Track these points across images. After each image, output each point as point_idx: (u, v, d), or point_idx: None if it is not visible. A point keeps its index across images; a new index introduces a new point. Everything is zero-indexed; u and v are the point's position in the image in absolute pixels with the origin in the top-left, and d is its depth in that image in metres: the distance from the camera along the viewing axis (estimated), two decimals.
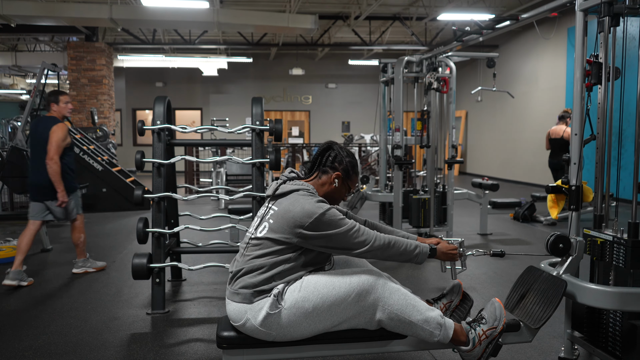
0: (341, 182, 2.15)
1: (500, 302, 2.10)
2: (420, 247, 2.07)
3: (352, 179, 2.18)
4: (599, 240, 2.24)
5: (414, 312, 1.96)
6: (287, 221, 1.97)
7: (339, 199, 2.20)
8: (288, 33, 11.80)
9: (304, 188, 2.06)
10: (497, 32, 4.38)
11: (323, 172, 2.15)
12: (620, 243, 2.14)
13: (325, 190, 2.14)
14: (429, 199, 5.37)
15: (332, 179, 2.14)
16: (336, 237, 1.97)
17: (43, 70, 6.59)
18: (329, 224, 1.96)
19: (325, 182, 2.15)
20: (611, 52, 2.28)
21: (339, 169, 2.14)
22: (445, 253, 2.16)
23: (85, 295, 3.80)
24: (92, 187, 7.76)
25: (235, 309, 1.98)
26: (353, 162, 2.18)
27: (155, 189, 3.45)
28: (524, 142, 11.69)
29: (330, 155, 2.15)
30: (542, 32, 10.50)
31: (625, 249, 2.11)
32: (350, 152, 2.20)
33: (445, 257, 2.17)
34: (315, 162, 2.18)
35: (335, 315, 1.95)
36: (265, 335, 1.95)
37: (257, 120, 3.54)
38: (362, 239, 1.99)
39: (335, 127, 16.11)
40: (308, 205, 1.97)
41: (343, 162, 2.15)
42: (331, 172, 2.14)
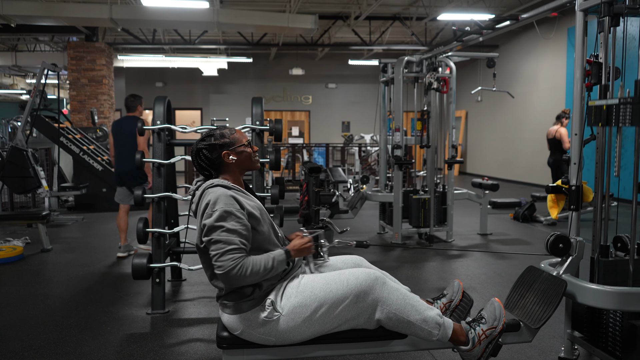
0: (233, 152, 2.06)
1: (500, 302, 2.10)
2: (276, 257, 1.96)
3: (235, 140, 2.07)
4: (604, 106, 2.25)
5: (413, 312, 1.96)
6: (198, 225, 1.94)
7: (249, 161, 2.10)
8: (288, 33, 11.79)
9: (208, 184, 1.99)
10: (497, 32, 4.38)
11: (218, 167, 2.07)
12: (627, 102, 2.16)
13: (235, 170, 2.08)
14: (429, 199, 5.37)
15: (229, 160, 2.05)
16: (213, 241, 1.86)
17: (43, 70, 6.59)
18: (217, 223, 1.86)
19: (228, 167, 2.07)
20: (611, 52, 2.28)
21: (221, 151, 2.05)
22: (299, 250, 2.06)
23: (85, 295, 3.80)
24: (92, 187, 7.76)
25: (230, 319, 1.97)
26: (215, 135, 2.07)
27: (155, 189, 3.45)
28: (524, 142, 11.69)
29: (204, 156, 2.05)
30: (542, 32, 10.50)
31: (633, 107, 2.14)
32: (205, 135, 2.09)
33: (300, 253, 2.06)
34: (199, 165, 2.08)
35: (334, 318, 1.94)
36: (265, 341, 1.95)
37: (257, 120, 3.54)
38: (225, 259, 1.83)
39: (335, 127, 16.11)
40: (207, 201, 1.91)
41: (213, 145, 2.05)
42: (222, 160, 2.05)
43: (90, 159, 7.81)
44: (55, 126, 7.66)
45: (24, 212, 7.30)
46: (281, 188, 3.64)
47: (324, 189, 4.38)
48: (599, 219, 2.36)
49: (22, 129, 6.36)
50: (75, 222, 7.02)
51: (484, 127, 13.87)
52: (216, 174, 2.09)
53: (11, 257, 4.82)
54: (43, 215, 5.26)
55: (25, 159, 6.17)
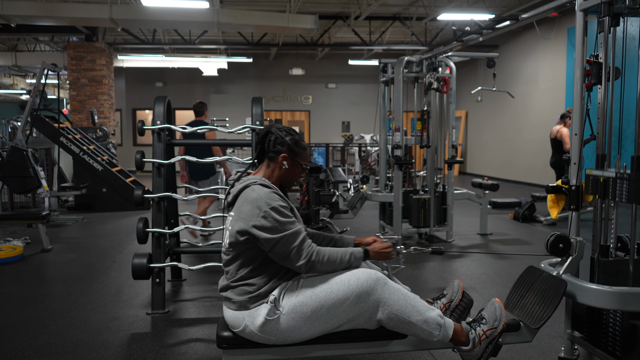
0: (290, 162, 2.09)
1: (500, 302, 2.10)
2: (354, 253, 2.03)
3: (301, 155, 2.12)
4: (601, 178, 2.26)
5: (414, 313, 1.96)
6: (240, 223, 1.95)
7: (293, 179, 2.16)
8: (288, 33, 11.79)
9: (251, 182, 2.01)
10: (497, 32, 4.38)
11: (270, 159, 2.10)
12: (624, 178, 2.15)
13: (277, 175, 2.10)
14: (429, 199, 5.37)
15: (280, 162, 2.08)
16: (282, 240, 1.91)
17: (43, 70, 6.59)
18: (277, 221, 1.91)
19: (274, 167, 2.10)
20: (611, 52, 2.28)
21: (283, 150, 2.08)
22: (379, 252, 2.12)
23: (85, 295, 3.80)
24: (92, 187, 7.76)
25: (232, 315, 1.98)
26: (295, 138, 2.11)
27: (155, 189, 3.45)
28: (524, 142, 11.69)
29: (271, 140, 2.09)
30: (542, 32, 10.50)
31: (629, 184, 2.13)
32: (290, 130, 2.13)
33: (379, 256, 2.13)
34: (258, 151, 2.13)
35: (334, 317, 1.94)
36: (265, 340, 1.95)
37: (257, 120, 3.54)
38: (302, 250, 1.92)
39: (335, 127, 16.11)
40: (256, 199, 1.93)
41: (284, 142, 2.08)
42: (277, 156, 2.08)
43: (90, 159, 7.81)
44: (55, 126, 7.66)
45: (24, 212, 7.30)
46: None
47: (324, 189, 4.38)
48: (599, 219, 2.36)
49: (22, 129, 6.36)
50: (75, 222, 7.02)
51: (484, 127, 13.87)
52: (264, 162, 2.12)
53: (11, 257, 4.82)
54: (43, 215, 5.26)
55: (25, 159, 6.17)
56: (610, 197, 2.23)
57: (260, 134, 2.13)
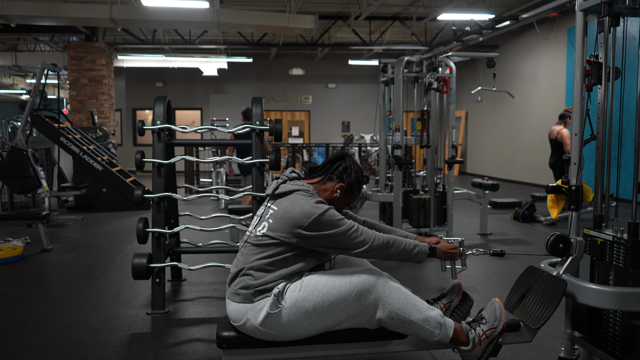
0: (343, 193, 2.16)
1: (500, 302, 2.10)
2: (420, 247, 2.08)
3: (354, 194, 2.20)
4: (599, 240, 2.24)
5: (414, 312, 1.97)
6: (286, 221, 1.97)
7: (337, 209, 2.18)
8: (288, 33, 11.79)
9: (303, 189, 2.07)
10: (497, 32, 4.39)
11: (329, 179, 2.16)
12: (620, 243, 2.14)
13: (325, 197, 2.14)
14: (429, 199, 5.37)
15: (335, 188, 2.14)
16: (335, 237, 1.97)
17: (43, 70, 6.59)
18: (327, 224, 1.96)
19: (328, 188, 2.15)
20: (611, 52, 2.28)
21: (345, 180, 2.15)
22: (445, 252, 2.16)
23: (85, 295, 3.80)
24: (92, 187, 7.76)
25: (235, 309, 1.98)
26: (360, 178, 2.20)
27: (155, 189, 3.45)
28: (523, 142, 11.69)
29: (341, 166, 2.16)
30: (542, 32, 10.50)
31: (625, 249, 2.11)
32: (360, 169, 2.22)
33: (445, 256, 2.17)
34: (324, 167, 2.19)
35: (335, 314, 1.95)
36: (266, 335, 1.95)
37: (257, 120, 3.54)
38: (361, 238, 1.99)
39: (335, 127, 16.11)
40: (307, 206, 1.97)
41: (351, 176, 2.16)
42: (336, 182, 2.15)
43: (90, 159, 7.81)
44: (55, 126, 7.66)
45: (24, 212, 7.29)
46: None
47: None
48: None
49: (22, 129, 6.36)
50: (75, 222, 7.02)
51: (484, 127, 13.87)
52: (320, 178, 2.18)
53: (11, 257, 4.82)
54: (43, 215, 5.26)
55: (25, 159, 6.17)
56: (607, 259, 2.22)
57: (336, 154, 2.22)
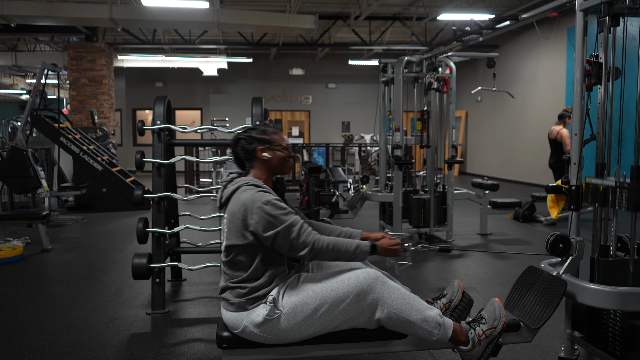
0: (268, 150, 2.10)
1: (500, 302, 2.10)
2: (361, 246, 2.03)
3: (274, 140, 2.12)
4: (601, 187, 2.26)
5: (413, 312, 1.96)
6: (236, 224, 1.96)
7: (283, 164, 2.15)
8: (288, 33, 11.79)
9: (243, 182, 2.03)
10: (497, 32, 4.38)
11: (251, 161, 2.12)
12: (623, 187, 2.15)
13: (266, 170, 2.12)
14: (429, 199, 5.37)
15: (260, 157, 2.10)
16: (280, 233, 1.92)
17: (43, 70, 6.59)
18: (270, 215, 1.92)
19: (259, 165, 2.11)
20: (611, 52, 2.28)
21: (257, 145, 2.10)
22: (387, 249, 2.10)
23: (85, 295, 3.80)
24: (92, 187, 7.76)
25: (231, 317, 1.98)
26: (259, 129, 2.13)
27: (155, 189, 3.45)
28: (523, 142, 11.69)
29: (241, 145, 2.12)
30: (542, 32, 10.50)
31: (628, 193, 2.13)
32: (252, 126, 2.15)
33: (387, 252, 2.11)
34: (237, 161, 2.15)
35: (334, 317, 1.94)
36: (266, 340, 1.95)
37: (257, 120, 3.54)
38: (303, 238, 1.94)
39: (335, 127, 16.11)
40: (247, 200, 1.95)
41: (253, 138, 2.10)
42: (254, 154, 2.10)
43: (90, 159, 7.81)
44: (55, 126, 7.66)
45: (24, 212, 7.29)
46: (281, 188, 3.64)
47: (324, 189, 4.39)
48: (599, 220, 2.36)
49: (22, 129, 6.36)
50: (75, 222, 7.02)
51: (484, 127, 13.87)
52: (248, 167, 2.13)
53: (11, 257, 4.82)
54: (43, 215, 5.26)
55: (25, 159, 6.18)
56: (610, 205, 2.24)
57: (232, 143, 2.15)
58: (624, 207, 2.17)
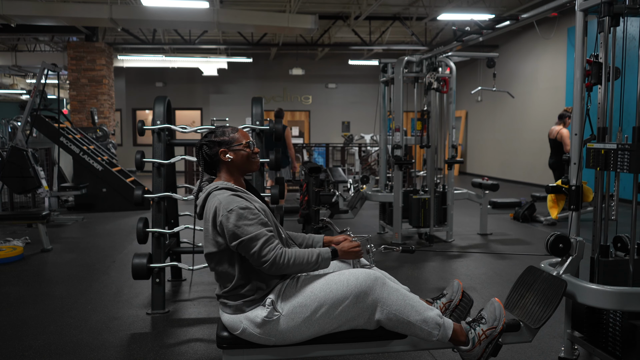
0: (231, 151, 2.07)
1: (500, 302, 2.10)
2: (322, 254, 2.01)
3: (234, 139, 2.09)
4: (602, 150, 2.25)
5: (412, 312, 1.96)
6: (209, 232, 1.96)
7: (248, 162, 2.11)
8: (288, 33, 11.79)
9: (212, 188, 2.00)
10: (497, 32, 4.39)
11: (217, 165, 2.10)
12: (625, 149, 2.15)
13: (233, 171, 2.09)
14: (429, 199, 5.37)
15: (225, 158, 2.06)
16: (242, 243, 1.89)
17: (43, 70, 6.59)
18: (235, 226, 1.89)
19: (225, 167, 2.09)
20: (611, 52, 2.28)
21: (218, 149, 2.06)
22: (347, 252, 2.10)
23: (85, 295, 3.80)
24: (92, 187, 7.76)
25: (230, 319, 1.98)
26: (217, 131, 2.10)
27: (155, 189, 3.45)
28: (523, 142, 11.69)
29: (204, 152, 2.08)
30: (542, 32, 10.50)
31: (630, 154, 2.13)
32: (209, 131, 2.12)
33: (348, 255, 2.10)
34: (204, 165, 2.12)
35: (334, 318, 1.94)
36: (265, 341, 1.95)
37: (257, 120, 3.54)
38: (265, 253, 1.89)
39: (335, 127, 16.11)
40: (216, 205, 1.93)
41: (213, 142, 2.07)
42: (218, 157, 2.07)
43: (90, 159, 7.81)
44: (55, 126, 7.66)
45: (24, 212, 7.29)
46: (281, 188, 3.64)
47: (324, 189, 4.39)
48: (599, 219, 2.36)
49: (22, 129, 6.37)
50: (75, 222, 7.02)
51: (484, 127, 13.87)
52: (216, 172, 2.11)
53: (11, 257, 4.82)
54: (43, 215, 5.26)
55: (25, 159, 6.18)
56: (612, 168, 2.22)
57: (197, 150, 2.11)
58: (625, 169, 2.14)
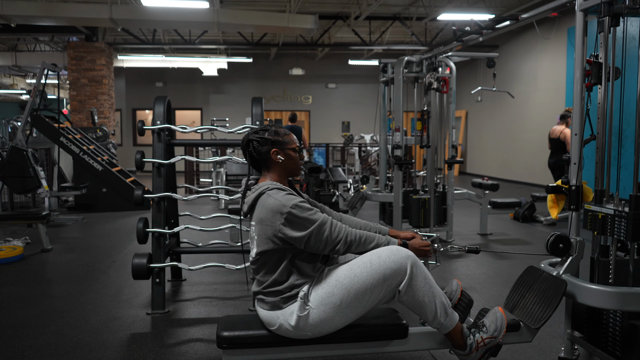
0: (282, 152, 2.08)
1: (503, 313, 2.11)
2: (391, 242, 2.04)
3: (287, 141, 2.10)
4: (599, 214, 2.25)
5: (429, 295, 1.98)
6: (265, 231, 1.96)
7: (295, 166, 2.14)
8: (288, 33, 11.79)
9: (264, 188, 2.01)
10: (497, 32, 4.38)
11: (265, 163, 2.10)
12: (622, 216, 2.13)
13: (280, 172, 2.10)
14: (429, 199, 5.37)
15: (274, 159, 2.07)
16: (313, 233, 1.92)
17: (43, 70, 6.59)
18: (300, 217, 1.91)
19: (273, 167, 2.09)
20: (611, 52, 2.28)
21: (270, 148, 2.07)
22: (418, 249, 2.12)
23: (85, 295, 3.80)
24: (92, 187, 7.76)
25: (266, 315, 1.99)
26: (271, 130, 2.10)
27: (155, 189, 3.45)
28: (523, 142, 11.69)
29: (254, 147, 2.08)
30: (542, 32, 10.50)
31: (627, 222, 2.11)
32: (263, 127, 2.13)
33: (418, 252, 2.12)
34: (252, 161, 2.12)
35: (364, 302, 1.94)
36: (302, 336, 1.96)
37: (257, 120, 3.54)
38: (335, 235, 1.95)
39: (335, 127, 16.11)
40: (274, 206, 1.93)
41: (266, 140, 2.07)
42: (269, 156, 2.07)
43: (90, 159, 7.81)
44: (55, 126, 7.66)
45: (24, 212, 7.30)
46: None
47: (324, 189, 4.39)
48: None
49: (22, 129, 6.36)
50: (75, 222, 7.02)
51: (484, 127, 13.87)
52: (262, 169, 2.12)
53: (11, 257, 4.82)
54: (43, 215, 5.26)
55: (25, 159, 6.18)
56: (609, 233, 2.22)
57: (243, 145, 2.12)
58: (622, 237, 2.14)
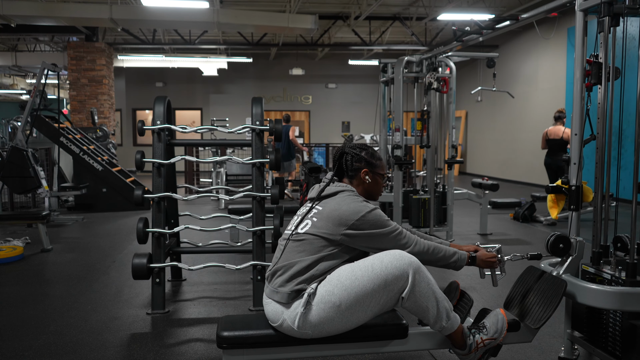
0: (371, 175, 2.18)
1: (504, 315, 2.12)
2: (459, 254, 2.12)
3: (379, 166, 2.20)
4: (597, 278, 2.25)
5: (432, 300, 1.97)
6: (332, 219, 2.00)
7: (378, 191, 2.23)
8: (288, 33, 11.79)
9: (348, 189, 2.10)
10: (497, 32, 4.38)
11: (351, 177, 2.18)
12: (618, 282, 2.14)
13: (362, 190, 2.17)
14: (429, 199, 5.37)
15: (362, 178, 2.16)
16: (379, 237, 2.00)
17: (43, 70, 6.59)
18: (374, 224, 1.99)
19: (357, 184, 2.17)
20: (611, 52, 2.28)
21: (362, 166, 2.16)
22: (485, 261, 2.19)
23: (85, 295, 3.80)
24: (92, 187, 7.76)
25: (273, 309, 1.99)
26: (369, 152, 2.20)
27: (155, 189, 3.45)
28: (523, 142, 11.69)
29: (347, 160, 2.17)
30: (542, 32, 10.50)
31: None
32: (362, 146, 2.22)
33: (485, 264, 2.20)
34: (339, 169, 2.20)
35: (364, 306, 1.93)
36: (303, 335, 1.94)
37: (257, 120, 3.54)
38: (404, 241, 2.04)
39: (335, 127, 16.10)
40: (355, 204, 2.02)
41: (361, 158, 2.17)
42: (358, 173, 2.16)
43: (90, 159, 7.81)
44: (55, 126, 7.66)
45: (24, 212, 7.30)
46: (281, 188, 3.64)
47: None
48: (599, 219, 2.36)
49: (22, 129, 6.36)
50: (75, 222, 7.02)
51: (484, 127, 13.87)
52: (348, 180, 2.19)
53: (11, 257, 4.82)
54: (43, 215, 5.26)
55: (25, 159, 6.18)
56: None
57: (337, 153, 2.21)
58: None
